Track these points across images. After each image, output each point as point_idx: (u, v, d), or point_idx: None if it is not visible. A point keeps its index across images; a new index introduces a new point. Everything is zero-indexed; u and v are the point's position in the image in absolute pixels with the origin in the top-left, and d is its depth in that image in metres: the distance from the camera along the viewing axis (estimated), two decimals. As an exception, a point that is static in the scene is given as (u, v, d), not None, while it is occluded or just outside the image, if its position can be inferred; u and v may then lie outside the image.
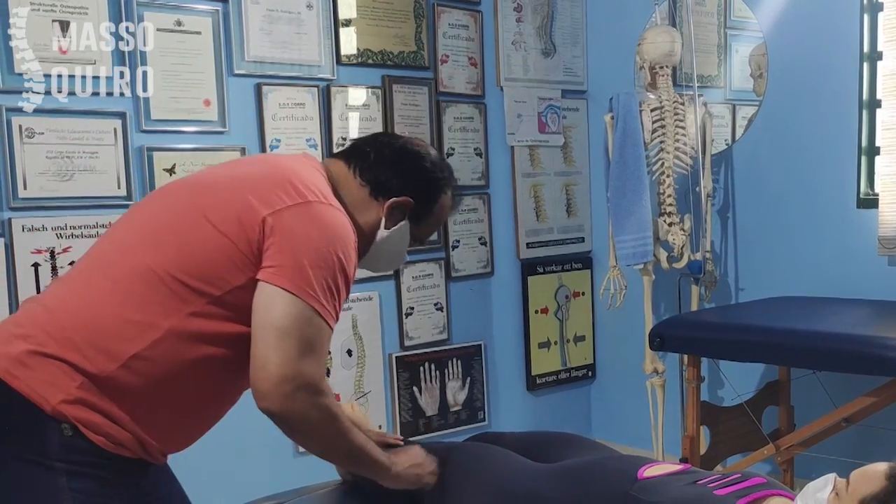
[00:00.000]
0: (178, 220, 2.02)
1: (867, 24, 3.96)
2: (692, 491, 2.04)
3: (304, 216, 1.98)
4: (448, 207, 2.37)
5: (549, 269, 4.89)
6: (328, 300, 1.97)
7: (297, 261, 1.93)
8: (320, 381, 1.97)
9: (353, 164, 2.23)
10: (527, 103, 4.72)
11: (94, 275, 2.00)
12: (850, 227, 4.01)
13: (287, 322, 1.90)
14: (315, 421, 1.97)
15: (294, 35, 3.89)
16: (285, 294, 1.91)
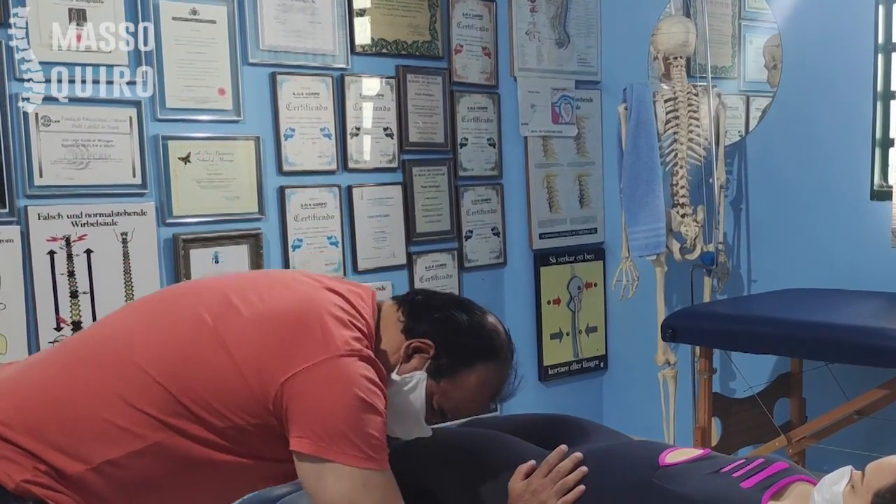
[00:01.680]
0: (191, 334, 1.91)
1: (882, 15, 3.94)
2: (718, 482, 2.02)
3: (324, 377, 1.86)
4: (487, 385, 2.12)
5: (561, 260, 4.89)
6: (376, 450, 1.87)
7: (333, 426, 1.83)
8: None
9: (402, 304, 2.11)
10: (540, 94, 4.71)
11: (80, 364, 1.90)
12: (864, 219, 4.00)
13: (348, 496, 1.83)
14: None
15: (308, 24, 3.89)
16: (337, 467, 1.83)
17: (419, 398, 2.06)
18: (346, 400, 1.84)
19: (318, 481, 1.84)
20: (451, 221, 4.40)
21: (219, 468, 1.89)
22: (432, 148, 4.33)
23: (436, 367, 2.06)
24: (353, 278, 4.05)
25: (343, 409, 1.84)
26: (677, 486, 2.01)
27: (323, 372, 1.86)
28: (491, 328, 2.15)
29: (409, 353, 2.05)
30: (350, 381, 1.86)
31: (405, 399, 2.05)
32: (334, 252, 3.99)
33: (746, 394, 3.93)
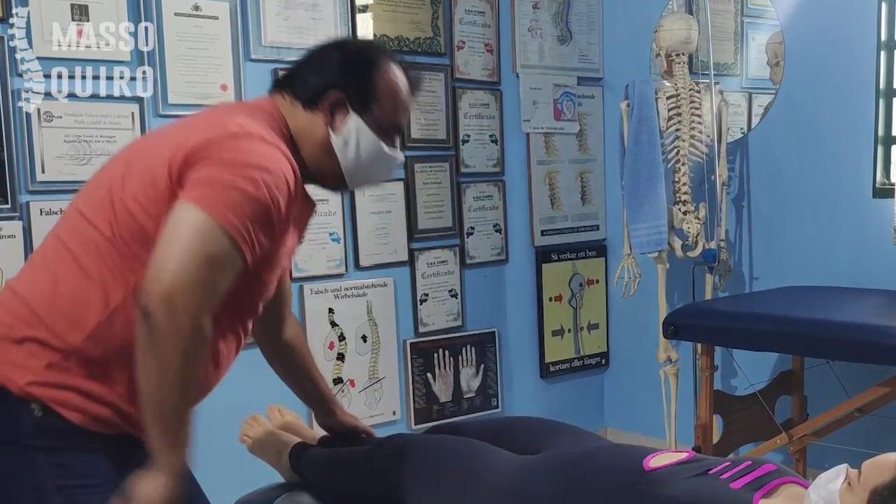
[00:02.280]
0: (111, 171, 1.97)
1: (885, 13, 3.94)
2: (706, 483, 2.00)
3: (224, 145, 1.86)
4: (397, 81, 2.13)
5: (563, 257, 4.89)
6: (245, 228, 1.83)
7: (217, 180, 1.82)
8: (198, 296, 1.78)
9: (282, 90, 2.11)
10: (542, 90, 4.71)
11: (56, 249, 1.94)
12: (866, 217, 4.00)
13: (193, 237, 1.78)
14: (168, 335, 1.77)
15: (311, 20, 3.88)
16: (198, 211, 1.79)
17: (368, 135, 2.09)
18: (242, 168, 1.84)
19: (181, 214, 1.81)
20: (453, 218, 4.40)
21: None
22: (434, 144, 4.33)
23: (356, 102, 2.07)
24: (356, 275, 4.07)
25: (231, 172, 1.83)
26: (664, 490, 1.98)
27: (221, 140, 1.87)
28: (359, 42, 2.29)
29: (331, 114, 2.07)
30: (249, 152, 1.87)
31: (361, 146, 2.09)
32: (336, 248, 3.99)
33: (748, 391, 3.93)
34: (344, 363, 4.05)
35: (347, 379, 4.07)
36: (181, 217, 1.79)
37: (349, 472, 2.69)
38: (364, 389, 4.13)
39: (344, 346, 4.05)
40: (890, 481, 1.81)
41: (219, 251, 1.80)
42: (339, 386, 4.03)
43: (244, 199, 1.82)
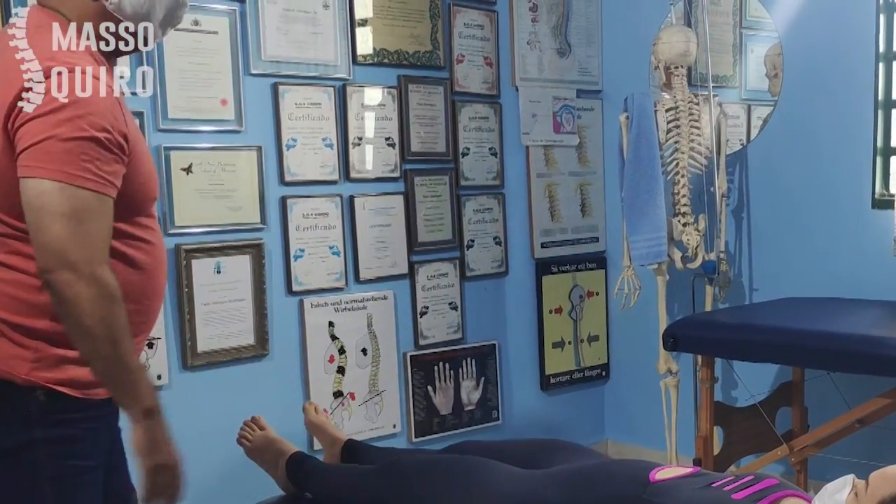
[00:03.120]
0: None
1: (883, 24, 3.95)
2: (709, 494, 2.03)
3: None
4: None
5: (563, 269, 4.89)
6: (82, 169, 1.87)
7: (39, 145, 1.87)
8: (83, 253, 1.87)
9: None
10: (542, 103, 4.72)
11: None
12: (865, 228, 4.01)
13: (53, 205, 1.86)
14: (78, 299, 1.86)
15: (310, 35, 3.89)
16: (37, 181, 1.86)
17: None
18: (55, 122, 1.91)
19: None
20: (453, 231, 4.40)
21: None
22: (434, 157, 4.33)
23: None
24: (355, 288, 4.07)
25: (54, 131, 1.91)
26: (668, 501, 2.01)
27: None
28: None
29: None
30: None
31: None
32: (336, 262, 3.99)
33: (748, 403, 3.93)
34: (344, 376, 4.05)
35: (348, 392, 4.06)
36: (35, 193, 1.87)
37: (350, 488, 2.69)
38: (364, 402, 4.12)
39: (344, 360, 4.05)
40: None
41: (80, 206, 1.87)
42: (339, 399, 4.03)
43: (78, 146, 1.88)
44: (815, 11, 4.17)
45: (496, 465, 2.42)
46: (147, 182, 2.11)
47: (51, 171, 1.84)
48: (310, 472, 2.85)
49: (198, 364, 3.63)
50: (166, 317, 3.54)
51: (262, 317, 3.77)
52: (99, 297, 1.87)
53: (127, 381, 1.97)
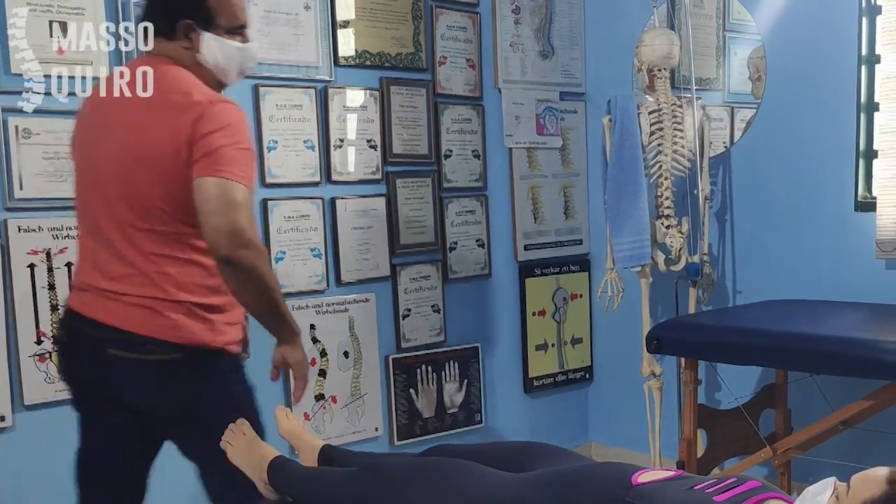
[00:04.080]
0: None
1: (865, 28, 3.95)
2: (691, 497, 2.02)
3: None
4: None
5: (546, 272, 4.88)
6: (244, 171, 2.46)
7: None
8: (250, 231, 2.45)
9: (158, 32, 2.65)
10: (525, 105, 4.71)
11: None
12: (848, 231, 4.01)
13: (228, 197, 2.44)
14: (253, 263, 2.45)
15: (292, 36, 3.88)
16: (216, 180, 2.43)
17: (225, 46, 2.63)
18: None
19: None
20: (436, 233, 4.39)
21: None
22: (416, 160, 4.32)
23: (202, 20, 2.59)
24: (337, 290, 4.05)
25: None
26: (650, 503, 2.00)
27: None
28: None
29: (188, 37, 2.60)
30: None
31: (225, 52, 2.64)
32: (318, 264, 3.97)
33: (732, 405, 3.92)
34: (326, 379, 4.03)
35: (329, 395, 4.05)
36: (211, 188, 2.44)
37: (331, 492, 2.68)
38: (346, 406, 4.11)
39: (326, 363, 4.04)
40: (879, 496, 1.81)
41: (245, 198, 2.46)
42: (320, 402, 4.02)
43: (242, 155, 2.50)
44: (797, 14, 4.17)
45: (479, 467, 2.41)
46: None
47: (226, 172, 2.43)
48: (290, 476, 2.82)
49: (178, 367, 3.60)
50: (146, 320, 3.51)
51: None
52: (265, 262, 2.53)
53: (282, 315, 2.67)
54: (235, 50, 2.65)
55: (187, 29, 2.59)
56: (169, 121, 2.48)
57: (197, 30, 2.59)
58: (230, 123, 2.48)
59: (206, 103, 2.48)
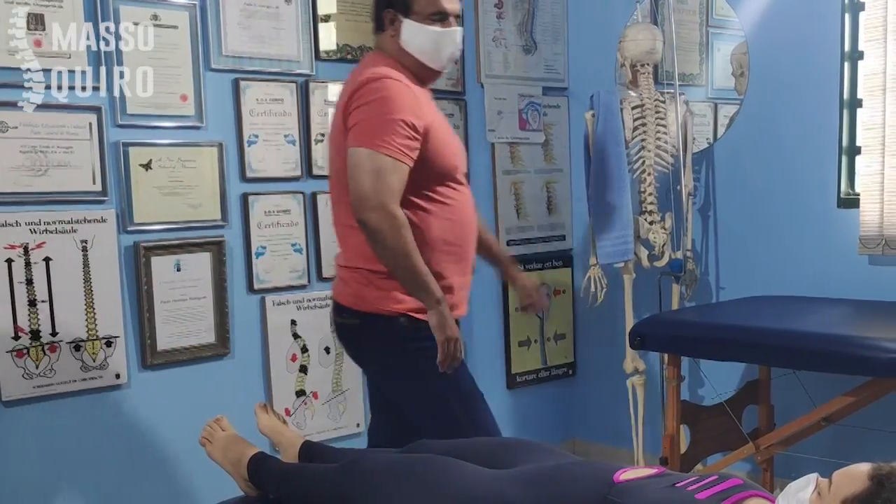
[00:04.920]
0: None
1: (848, 24, 3.95)
2: (673, 494, 2.01)
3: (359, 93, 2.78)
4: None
5: (529, 267, 4.86)
6: (383, 141, 2.69)
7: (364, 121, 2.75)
8: (382, 197, 2.67)
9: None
10: (507, 100, 4.69)
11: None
12: (831, 227, 4.01)
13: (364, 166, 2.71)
14: (379, 227, 2.68)
15: (272, 30, 3.85)
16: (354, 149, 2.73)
17: (422, 31, 2.85)
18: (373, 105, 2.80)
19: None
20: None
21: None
22: (398, 154, 4.28)
23: (402, 8, 2.85)
24: (318, 286, 4.03)
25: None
26: (631, 501, 2.00)
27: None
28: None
29: (392, 26, 2.87)
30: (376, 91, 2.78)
31: (419, 40, 2.86)
32: (299, 259, 3.95)
33: (715, 401, 3.92)
34: (307, 375, 4.01)
35: (310, 391, 4.03)
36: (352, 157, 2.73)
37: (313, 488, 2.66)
38: (328, 402, 4.08)
39: (307, 358, 4.01)
40: (861, 492, 1.80)
41: (380, 166, 2.68)
42: (301, 398, 3.99)
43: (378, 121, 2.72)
44: (781, 10, 4.17)
45: (460, 464, 2.40)
46: (442, 159, 2.86)
47: (364, 140, 2.70)
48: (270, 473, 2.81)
49: (157, 363, 3.59)
50: (125, 315, 3.51)
51: (223, 315, 3.73)
52: (395, 225, 2.68)
53: (420, 282, 2.74)
54: (434, 34, 2.85)
55: (391, 18, 2.87)
56: (342, 100, 2.83)
57: (398, 18, 2.85)
58: (379, 98, 2.72)
59: (364, 80, 2.76)
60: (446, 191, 2.91)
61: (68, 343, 3.38)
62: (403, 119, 2.72)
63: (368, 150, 2.68)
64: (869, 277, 3.89)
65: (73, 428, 3.43)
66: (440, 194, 2.89)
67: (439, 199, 2.89)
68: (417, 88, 2.86)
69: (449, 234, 2.91)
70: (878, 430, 3.61)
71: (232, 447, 2.91)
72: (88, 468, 3.46)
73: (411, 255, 2.72)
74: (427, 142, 2.80)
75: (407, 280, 2.77)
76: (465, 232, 2.98)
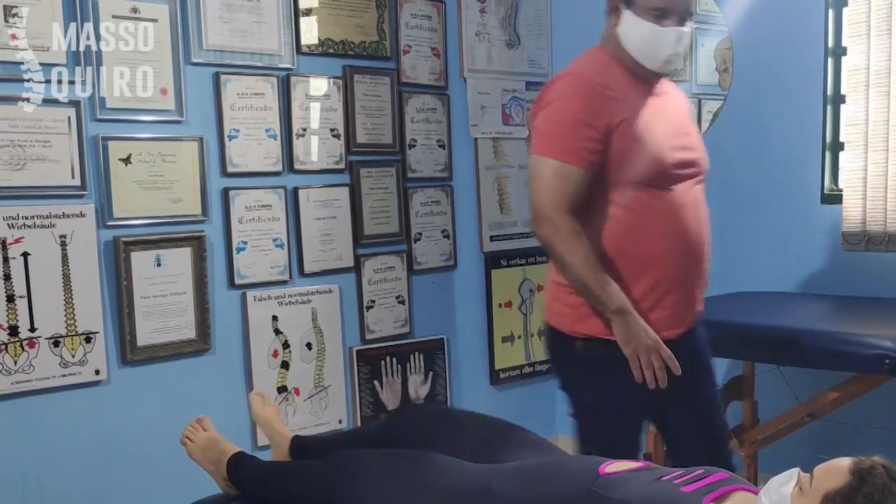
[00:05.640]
0: None
1: (832, 19, 3.95)
2: (658, 487, 2.03)
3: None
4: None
5: (513, 263, 4.85)
6: (551, 146, 2.60)
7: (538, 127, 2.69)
8: (547, 206, 2.59)
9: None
10: (490, 95, 4.68)
11: None
12: (815, 223, 4.00)
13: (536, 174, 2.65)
14: (546, 238, 2.64)
15: (253, 24, 3.82)
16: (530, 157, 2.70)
17: (640, 26, 2.64)
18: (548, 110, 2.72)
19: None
20: (400, 223, 4.35)
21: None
22: (380, 149, 4.27)
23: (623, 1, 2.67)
24: (300, 281, 4.01)
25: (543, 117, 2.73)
26: (616, 493, 2.01)
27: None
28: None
29: (616, 12, 2.69)
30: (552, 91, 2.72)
31: (640, 32, 2.65)
32: (280, 254, 3.93)
33: (698, 397, 3.91)
34: (288, 371, 3.99)
35: (292, 387, 4.00)
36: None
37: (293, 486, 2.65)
38: (309, 398, 4.06)
39: (288, 354, 3.99)
40: (842, 486, 1.80)
41: (549, 172, 2.59)
42: (283, 394, 3.97)
43: (554, 123, 2.63)
44: (764, 6, 4.16)
45: (449, 459, 2.40)
46: (631, 161, 2.63)
47: (539, 146, 2.63)
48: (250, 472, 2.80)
49: (137, 359, 3.56)
50: (104, 311, 3.48)
51: (203, 311, 3.70)
52: (560, 235, 2.59)
53: (594, 294, 2.62)
54: (650, 31, 2.64)
55: (614, 5, 2.70)
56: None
57: (620, 7, 2.68)
58: (557, 99, 2.63)
59: (551, 80, 2.72)
60: (639, 196, 2.67)
61: (47, 339, 3.34)
62: (579, 119, 2.58)
63: (542, 156, 2.60)
64: (852, 273, 3.89)
65: (52, 424, 3.40)
66: (628, 199, 2.66)
67: (624, 205, 2.66)
68: (623, 83, 2.68)
69: (630, 245, 2.68)
70: (862, 426, 3.61)
71: (212, 447, 2.91)
72: (68, 465, 3.44)
73: (581, 266, 2.60)
74: (612, 142, 2.61)
75: (584, 292, 2.65)
76: (655, 242, 2.71)
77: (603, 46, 2.75)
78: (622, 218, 2.66)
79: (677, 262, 2.75)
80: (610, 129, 2.59)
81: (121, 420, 3.55)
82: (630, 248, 2.67)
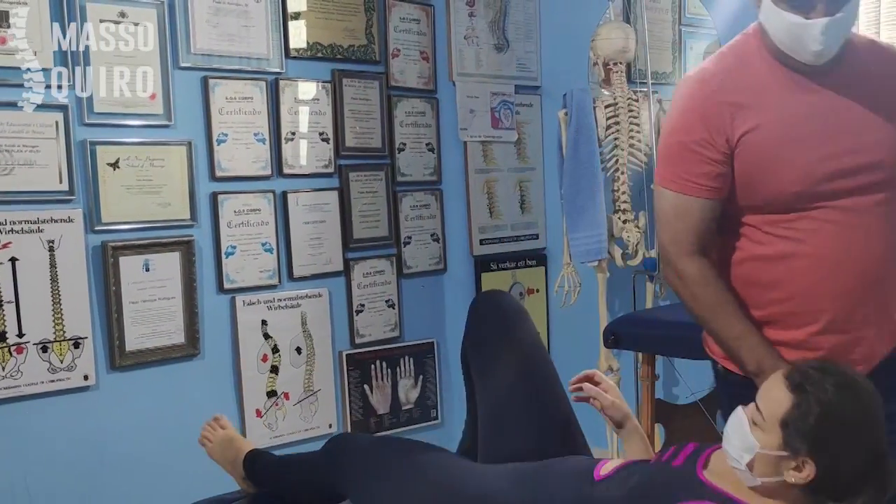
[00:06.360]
0: None
1: (820, 21, 3.95)
2: (651, 470, 2.11)
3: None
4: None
5: (502, 266, 4.84)
6: (664, 173, 2.27)
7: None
8: (669, 248, 2.29)
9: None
10: (479, 98, 4.67)
11: None
12: None
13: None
14: (672, 285, 2.37)
15: (242, 28, 3.81)
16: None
17: (778, 16, 2.14)
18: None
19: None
20: (389, 227, 4.35)
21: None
22: (369, 153, 4.27)
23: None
24: (289, 286, 4.00)
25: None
26: (616, 491, 2.06)
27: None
28: None
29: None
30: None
31: (777, 22, 2.15)
32: (269, 259, 3.92)
33: (689, 400, 3.92)
34: (278, 376, 3.98)
35: (282, 392, 3.99)
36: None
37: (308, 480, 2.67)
38: (299, 402, 4.05)
39: (278, 359, 3.98)
40: (792, 406, 1.87)
41: (666, 206, 2.29)
42: (273, 399, 3.96)
43: (666, 150, 2.30)
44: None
45: (451, 455, 2.44)
46: (759, 181, 2.21)
47: (655, 174, 2.33)
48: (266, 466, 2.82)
49: (126, 364, 3.55)
50: (93, 316, 3.47)
51: (192, 315, 3.69)
52: (683, 284, 2.29)
53: (730, 348, 2.29)
54: (786, 23, 2.12)
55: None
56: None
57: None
58: (673, 110, 2.32)
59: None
60: (778, 221, 2.23)
61: (35, 344, 3.33)
62: (694, 138, 2.19)
63: (659, 188, 2.28)
64: None
65: (40, 430, 3.38)
66: (766, 227, 2.24)
67: (760, 237, 2.26)
68: (765, 79, 2.23)
69: (768, 285, 2.26)
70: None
71: (229, 446, 2.93)
72: (56, 471, 3.42)
73: (711, 321, 2.29)
74: (736, 159, 2.20)
75: (719, 345, 2.36)
76: (801, 279, 2.22)
77: (758, 29, 2.28)
78: (757, 252, 2.27)
79: (834, 303, 2.22)
80: (733, 144, 2.19)
81: (110, 425, 3.53)
82: (767, 288, 2.27)
